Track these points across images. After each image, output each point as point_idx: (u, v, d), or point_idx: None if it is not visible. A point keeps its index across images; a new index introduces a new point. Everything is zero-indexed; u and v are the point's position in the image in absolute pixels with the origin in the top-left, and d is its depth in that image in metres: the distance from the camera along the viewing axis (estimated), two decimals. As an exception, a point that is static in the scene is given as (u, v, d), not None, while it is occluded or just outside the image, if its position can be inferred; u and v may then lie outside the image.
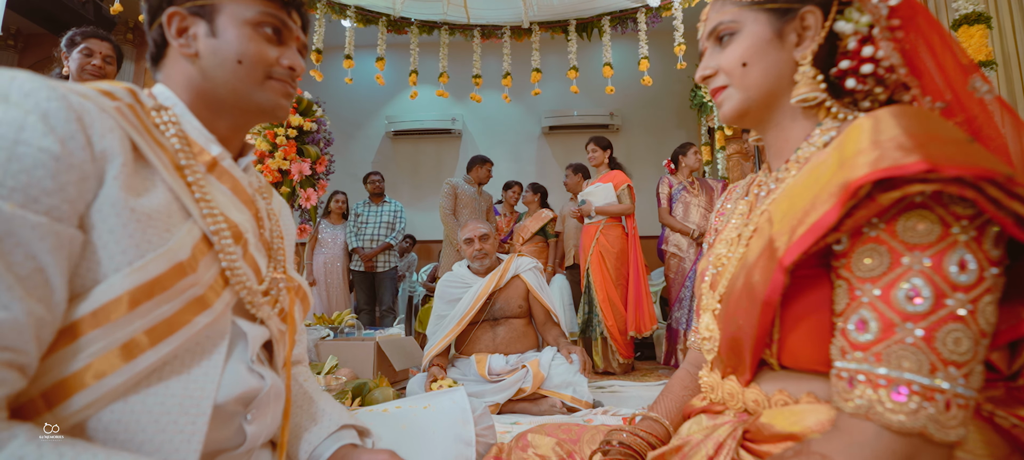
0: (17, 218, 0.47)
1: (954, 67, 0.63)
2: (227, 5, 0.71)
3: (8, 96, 0.51)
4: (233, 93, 0.72)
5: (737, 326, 0.61)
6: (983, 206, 0.45)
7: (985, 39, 2.44)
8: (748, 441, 0.61)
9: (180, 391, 0.58)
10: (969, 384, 0.45)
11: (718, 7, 0.73)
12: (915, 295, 0.46)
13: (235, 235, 0.67)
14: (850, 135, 0.54)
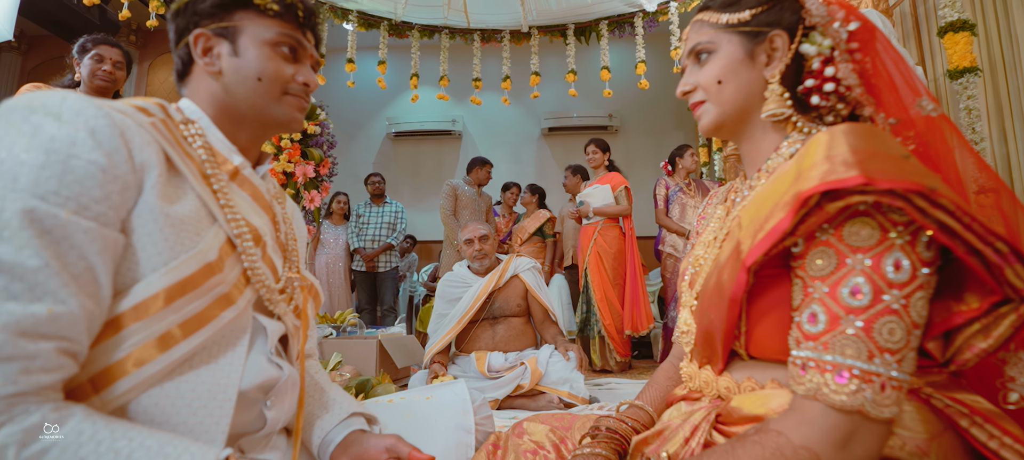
0: (71, 224, 0.54)
1: (904, 88, 0.69)
2: (248, 27, 0.78)
3: (61, 114, 0.57)
4: (253, 108, 0.78)
5: (709, 321, 0.68)
6: (912, 214, 0.51)
7: (970, 46, 2.50)
8: (720, 423, 0.68)
9: (209, 379, 0.65)
10: (902, 369, 0.52)
11: (697, 28, 0.80)
12: (857, 291, 0.53)
13: (255, 238, 0.74)
14: (808, 149, 0.60)
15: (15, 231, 0.51)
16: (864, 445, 0.53)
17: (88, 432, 0.51)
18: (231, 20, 0.78)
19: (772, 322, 0.63)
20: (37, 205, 0.52)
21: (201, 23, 0.78)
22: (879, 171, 0.51)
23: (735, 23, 0.75)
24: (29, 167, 0.53)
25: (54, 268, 0.52)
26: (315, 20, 0.86)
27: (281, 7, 0.79)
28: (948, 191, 0.51)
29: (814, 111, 0.74)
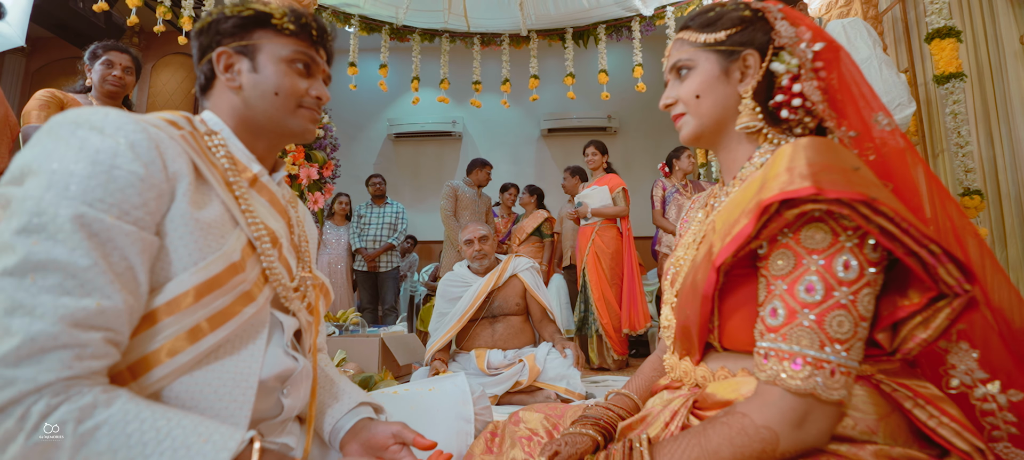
0: (115, 228, 0.61)
1: (865, 104, 0.76)
2: (266, 45, 0.85)
3: (104, 129, 0.64)
4: (270, 120, 0.85)
5: (686, 316, 0.74)
6: (857, 221, 0.58)
7: (955, 52, 2.56)
8: (697, 408, 0.75)
9: (232, 368, 0.72)
10: (850, 356, 0.59)
11: (678, 46, 0.87)
12: (811, 289, 0.60)
13: (273, 240, 0.81)
14: (774, 160, 0.67)
15: (68, 234, 0.57)
16: (817, 424, 0.60)
17: (132, 412, 0.58)
18: (251, 39, 0.84)
19: (742, 317, 0.70)
20: (86, 211, 0.59)
21: (223, 42, 0.84)
22: (829, 182, 0.58)
23: (712, 43, 0.82)
24: (78, 176, 0.60)
25: (101, 267, 0.58)
26: (327, 38, 0.93)
27: (297, 26, 0.86)
28: (889, 200, 0.58)
29: (784, 123, 0.80)
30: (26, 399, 0.53)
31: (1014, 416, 0.64)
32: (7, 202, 0.59)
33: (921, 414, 0.62)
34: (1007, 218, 2.84)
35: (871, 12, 2.70)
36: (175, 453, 0.57)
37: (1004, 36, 2.86)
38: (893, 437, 0.62)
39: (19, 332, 0.53)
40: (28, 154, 0.62)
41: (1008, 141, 2.84)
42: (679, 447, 0.65)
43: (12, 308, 0.54)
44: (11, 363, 0.53)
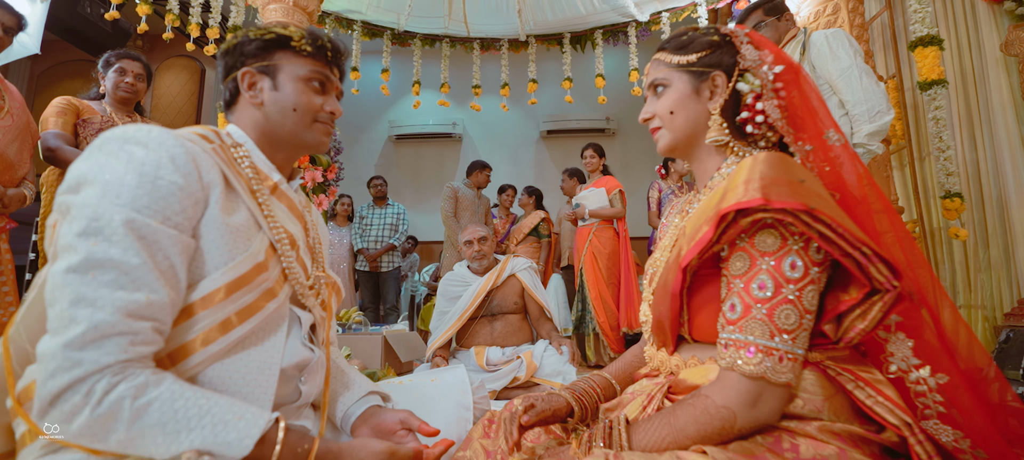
0: (160, 231, 0.70)
1: (818, 121, 0.85)
2: (286, 65, 0.93)
3: (148, 144, 0.73)
4: (289, 133, 0.94)
5: (660, 311, 0.84)
6: (801, 227, 0.67)
7: (937, 60, 2.65)
8: (671, 393, 0.84)
9: (257, 357, 0.81)
10: (796, 345, 0.68)
11: (655, 66, 0.96)
12: (763, 286, 0.69)
13: (291, 242, 0.90)
14: (735, 172, 0.76)
15: (121, 237, 0.66)
16: (769, 404, 0.70)
17: (178, 391, 0.67)
18: (272, 59, 0.93)
19: (709, 312, 0.79)
20: (135, 216, 0.68)
21: (247, 62, 0.93)
22: (776, 194, 0.67)
23: (685, 64, 0.91)
24: (128, 186, 0.69)
25: (149, 266, 0.68)
26: (341, 58, 1.02)
27: (313, 48, 0.95)
28: (828, 208, 0.67)
29: (749, 137, 0.89)
30: (91, 378, 0.62)
31: (941, 397, 0.73)
32: (67, 208, 0.69)
33: (861, 394, 0.71)
34: (989, 220, 2.93)
35: (857, 20, 2.79)
36: (214, 427, 0.66)
37: (986, 43, 2.95)
38: (837, 414, 0.72)
39: (83, 321, 0.62)
40: (82, 166, 0.71)
41: (990, 145, 2.94)
42: (652, 426, 0.74)
43: (77, 300, 0.63)
44: (77, 347, 0.62)
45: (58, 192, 0.72)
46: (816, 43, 2.21)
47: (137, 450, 0.64)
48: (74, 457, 0.66)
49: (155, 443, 0.64)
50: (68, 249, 0.66)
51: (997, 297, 2.89)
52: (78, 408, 0.61)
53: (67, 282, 0.64)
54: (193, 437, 0.65)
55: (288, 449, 0.70)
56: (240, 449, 0.66)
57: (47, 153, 2.33)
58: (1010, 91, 2.86)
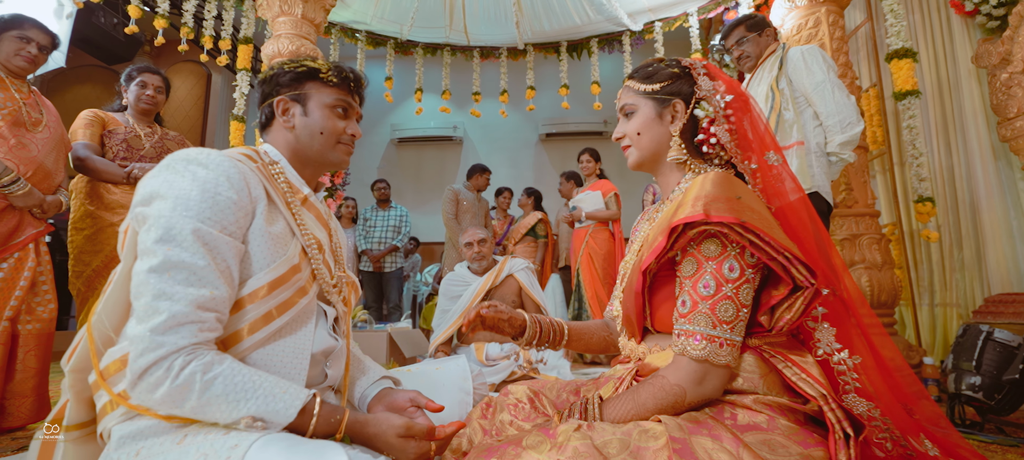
0: (219, 238, 0.86)
1: (761, 144, 1.00)
2: (314, 94, 1.09)
3: (208, 164, 0.89)
4: (316, 153, 1.10)
5: (627, 307, 1.00)
6: (734, 237, 0.83)
7: (911, 71, 2.81)
8: (638, 375, 1.00)
9: (293, 345, 0.97)
10: (733, 334, 0.84)
11: (625, 92, 1.12)
12: (706, 286, 0.85)
13: (319, 247, 1.06)
14: (688, 189, 0.92)
15: (190, 243, 0.82)
16: (712, 382, 0.85)
17: (237, 368, 0.83)
18: (302, 89, 1.09)
19: (667, 307, 0.95)
20: (201, 226, 0.84)
21: (281, 91, 1.09)
22: (715, 210, 0.83)
23: (650, 91, 1.07)
24: (194, 200, 0.85)
25: (212, 267, 0.84)
26: (362, 87, 1.18)
27: (338, 79, 1.11)
28: (758, 221, 0.83)
29: (705, 156, 1.05)
30: (171, 356, 0.78)
31: (857, 374, 0.89)
32: (144, 218, 0.85)
33: (788, 373, 0.87)
34: (963, 223, 3.09)
35: (837, 33, 2.94)
36: (265, 398, 0.82)
37: (959, 55, 3.10)
38: (770, 389, 0.88)
39: (164, 311, 0.79)
40: (153, 182, 0.87)
41: (963, 151, 3.09)
42: (620, 402, 0.90)
43: (158, 295, 0.79)
44: (160, 332, 0.78)
45: (133, 204, 0.88)
46: (792, 58, 2.36)
47: (206, 415, 0.80)
48: (147, 423, 0.82)
49: (219, 409, 0.80)
50: (148, 253, 0.82)
51: (970, 295, 3.05)
52: (161, 380, 0.77)
53: (149, 280, 0.80)
54: (249, 405, 0.81)
55: (323, 418, 0.86)
56: (286, 416, 0.82)
57: (77, 162, 2.49)
58: (981, 100, 3.02)
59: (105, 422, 0.86)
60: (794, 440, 0.79)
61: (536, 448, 0.77)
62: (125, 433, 0.80)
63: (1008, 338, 1.86)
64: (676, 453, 0.73)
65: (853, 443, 0.78)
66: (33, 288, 2.08)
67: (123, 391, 0.82)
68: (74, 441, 0.88)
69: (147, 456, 0.76)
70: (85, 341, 0.88)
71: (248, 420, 0.80)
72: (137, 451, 0.77)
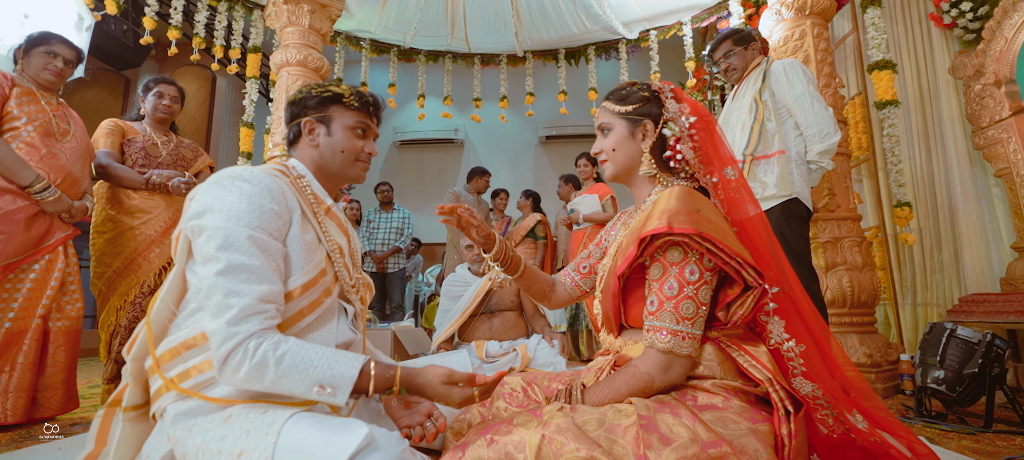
0: (270, 242, 0.99)
1: (720, 161, 1.14)
2: (337, 116, 1.22)
3: (252, 180, 1.03)
4: (337, 169, 1.23)
5: (605, 306, 1.14)
6: (693, 245, 0.98)
7: (891, 82, 2.95)
8: (616, 365, 1.14)
9: (320, 337, 1.11)
10: (694, 328, 0.99)
11: (602, 112, 1.26)
12: (671, 287, 1.00)
13: (340, 252, 1.20)
14: (656, 202, 1.06)
15: (247, 247, 0.95)
16: (676, 370, 1.00)
17: (300, 345, 0.94)
18: (327, 111, 1.22)
19: (639, 306, 1.10)
20: (253, 233, 0.98)
21: (308, 113, 1.22)
22: (677, 222, 0.98)
23: (623, 112, 1.21)
24: (243, 211, 0.98)
25: (267, 267, 0.97)
26: (380, 111, 1.31)
27: (359, 104, 1.24)
28: (714, 231, 0.97)
29: (673, 170, 1.19)
30: (246, 341, 0.90)
31: (802, 360, 1.03)
32: (200, 230, 0.98)
33: (741, 360, 1.01)
34: (941, 226, 3.23)
35: (822, 45, 3.07)
36: (329, 366, 0.93)
37: (939, 66, 3.24)
38: (726, 375, 1.02)
39: (235, 306, 0.91)
40: (204, 199, 1.00)
41: (942, 158, 3.23)
42: (599, 388, 1.05)
43: (228, 293, 0.92)
44: (234, 323, 0.90)
45: (186, 217, 1.02)
46: (775, 72, 2.51)
47: (282, 387, 0.91)
48: (198, 403, 0.96)
49: (293, 379, 0.90)
50: (212, 260, 0.94)
51: (948, 295, 3.19)
52: (241, 362, 0.89)
53: (218, 282, 0.93)
54: (317, 373, 0.92)
55: (379, 377, 0.97)
56: (349, 378, 0.93)
57: (99, 169, 2.64)
58: (959, 109, 3.16)
59: (159, 402, 1.00)
60: (744, 417, 0.94)
61: (525, 425, 0.91)
62: (179, 411, 0.94)
63: (969, 335, 2.00)
64: (643, 428, 0.87)
65: (793, 418, 0.92)
66: (62, 288, 2.22)
67: (175, 377, 0.96)
68: (130, 420, 1.02)
69: (198, 431, 0.90)
70: (144, 333, 1.02)
71: (318, 388, 0.91)
72: (190, 427, 0.91)
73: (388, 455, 0.80)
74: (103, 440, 1.00)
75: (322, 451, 0.79)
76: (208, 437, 0.88)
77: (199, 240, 0.97)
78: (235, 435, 0.86)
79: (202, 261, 0.96)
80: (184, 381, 0.97)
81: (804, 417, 1.00)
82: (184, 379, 0.96)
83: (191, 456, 0.87)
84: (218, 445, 0.85)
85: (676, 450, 0.83)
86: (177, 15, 3.73)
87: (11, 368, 2.03)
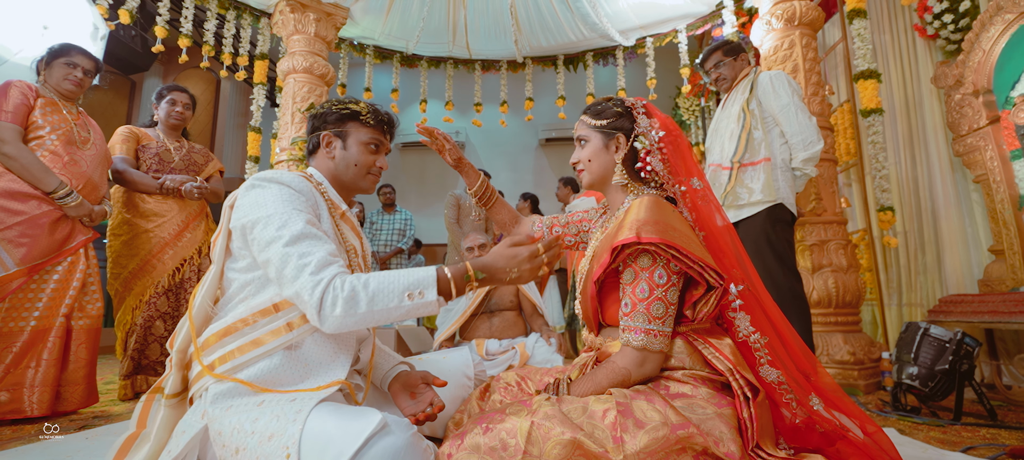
0: (316, 223, 1.11)
1: (686, 172, 1.26)
2: (353, 132, 1.34)
3: (282, 180, 1.14)
4: (350, 180, 1.35)
5: (585, 308, 1.26)
6: (659, 252, 1.09)
7: (876, 91, 3.06)
8: (598, 360, 1.26)
9: None
10: (664, 326, 1.10)
11: (580, 125, 1.37)
12: (642, 291, 1.11)
13: (355, 252, 1.32)
14: (628, 210, 1.18)
15: (302, 221, 1.07)
16: (650, 364, 1.11)
17: (375, 272, 1.05)
18: (344, 127, 1.34)
19: (615, 307, 1.21)
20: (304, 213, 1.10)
21: (327, 127, 1.34)
22: (645, 232, 1.09)
23: (598, 126, 1.32)
24: (285, 200, 1.10)
25: (319, 233, 1.08)
26: (394, 128, 1.43)
27: (374, 121, 1.35)
28: (678, 238, 1.08)
29: (644, 180, 1.30)
30: (331, 282, 0.99)
31: (767, 350, 1.15)
32: (255, 222, 1.08)
33: (706, 352, 1.13)
34: (925, 230, 3.34)
35: (810, 54, 3.19)
36: (407, 276, 1.02)
37: (923, 75, 3.36)
38: (694, 365, 1.13)
39: (312, 260, 1.01)
40: (245, 200, 1.12)
41: (926, 163, 3.35)
42: (583, 381, 1.16)
43: (302, 255, 1.02)
44: (317, 272, 1.00)
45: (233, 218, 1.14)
46: (762, 82, 2.63)
47: (378, 309, 0.99)
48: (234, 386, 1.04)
49: (384, 299, 1.00)
50: (275, 239, 1.04)
51: (931, 296, 3.31)
52: (335, 300, 0.98)
53: (288, 251, 1.03)
54: (401, 285, 1.01)
55: (455, 274, 1.05)
56: (430, 279, 1.01)
57: (115, 175, 2.77)
58: (941, 117, 3.28)
59: (198, 386, 1.10)
60: (711, 402, 1.05)
61: (516, 414, 1.03)
62: (219, 392, 1.05)
63: (941, 334, 2.12)
64: (620, 413, 0.99)
65: (752, 403, 1.04)
66: (84, 288, 2.35)
67: (214, 361, 1.07)
68: (171, 406, 1.14)
69: (235, 411, 1.01)
70: (187, 326, 1.14)
71: (408, 296, 1.01)
72: (228, 407, 1.03)
73: (400, 438, 0.91)
74: (143, 423, 1.11)
75: (341, 435, 0.90)
76: (243, 418, 0.99)
77: (255, 232, 1.07)
78: (267, 419, 0.96)
79: (264, 245, 1.06)
80: (222, 365, 1.07)
81: (769, 403, 1.11)
82: (223, 362, 1.07)
83: (227, 433, 0.98)
84: (252, 426, 0.96)
85: (648, 432, 0.94)
86: (187, 23, 3.86)
87: (37, 364, 2.15)
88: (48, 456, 1.59)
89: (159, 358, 2.79)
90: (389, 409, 1.31)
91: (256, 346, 1.07)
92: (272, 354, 1.07)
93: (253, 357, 1.06)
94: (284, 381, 1.06)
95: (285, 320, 1.09)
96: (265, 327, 1.09)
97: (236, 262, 1.16)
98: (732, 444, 0.97)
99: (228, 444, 0.98)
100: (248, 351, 1.06)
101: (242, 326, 1.09)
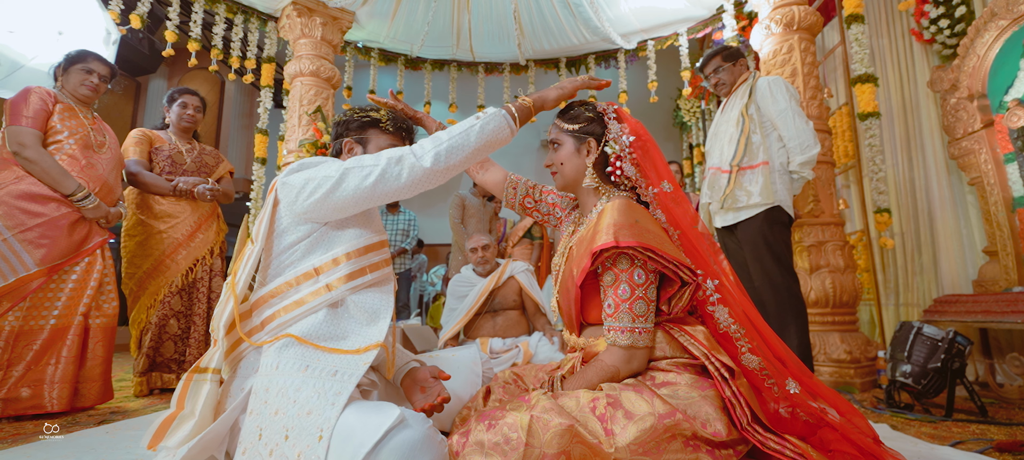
0: None
1: (656, 176, 1.31)
2: (374, 138, 1.39)
3: (308, 164, 1.22)
4: None
5: (565, 306, 1.32)
6: (636, 253, 1.15)
7: (873, 95, 3.12)
8: (585, 359, 1.30)
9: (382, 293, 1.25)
10: (647, 323, 1.15)
11: (554, 129, 1.41)
12: (623, 291, 1.16)
13: None
14: (602, 214, 1.22)
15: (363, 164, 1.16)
16: (637, 360, 1.17)
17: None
18: (365, 134, 1.40)
19: (596, 307, 1.26)
20: None
21: (349, 133, 1.40)
22: (622, 236, 1.14)
23: (571, 130, 1.37)
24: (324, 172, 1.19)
25: None
26: (412, 135, 1.49)
27: (394, 128, 1.41)
28: (652, 239, 1.13)
29: (615, 183, 1.34)
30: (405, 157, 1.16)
31: (746, 339, 1.20)
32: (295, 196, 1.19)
33: (682, 340, 1.17)
34: (921, 230, 3.40)
35: (808, 59, 3.25)
36: (477, 118, 1.24)
37: (919, 79, 3.42)
38: (675, 353, 1.18)
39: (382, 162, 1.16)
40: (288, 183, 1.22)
41: (922, 166, 3.41)
42: (575, 379, 1.21)
43: (371, 166, 1.15)
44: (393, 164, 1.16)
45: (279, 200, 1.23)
46: (760, 88, 2.69)
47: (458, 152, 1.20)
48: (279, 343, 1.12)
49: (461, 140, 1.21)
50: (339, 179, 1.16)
51: (927, 296, 3.37)
52: (416, 163, 1.16)
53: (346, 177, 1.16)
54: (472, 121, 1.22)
55: (518, 108, 1.25)
56: (499, 116, 1.23)
57: (129, 177, 2.84)
58: (937, 120, 3.34)
59: (237, 353, 1.21)
60: (694, 387, 1.11)
61: (516, 409, 1.08)
62: (276, 346, 1.13)
63: (934, 333, 2.18)
64: (610, 406, 1.05)
65: (732, 381, 1.10)
66: (100, 288, 2.42)
67: (259, 323, 1.18)
68: (214, 381, 1.19)
69: (282, 372, 1.08)
70: (232, 301, 1.20)
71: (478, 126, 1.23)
72: (276, 365, 1.09)
73: (417, 431, 0.97)
74: (181, 404, 1.17)
75: (362, 428, 0.95)
76: (288, 382, 1.05)
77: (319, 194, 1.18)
78: (307, 393, 1.03)
79: (328, 192, 1.17)
80: (269, 323, 1.18)
81: (753, 390, 1.18)
82: (269, 322, 1.17)
83: (273, 392, 1.05)
84: (294, 394, 1.03)
85: (636, 423, 1.01)
86: (197, 28, 3.93)
87: (56, 361, 2.22)
88: (72, 449, 1.66)
89: (173, 356, 2.86)
90: (401, 403, 1.37)
91: (299, 305, 1.17)
92: (316, 310, 1.17)
93: (299, 314, 1.16)
94: (328, 336, 1.13)
95: (325, 282, 1.19)
96: (307, 289, 1.18)
97: (281, 239, 1.23)
98: (718, 423, 1.04)
99: (270, 402, 1.05)
100: (292, 310, 1.16)
101: (286, 288, 1.19)
